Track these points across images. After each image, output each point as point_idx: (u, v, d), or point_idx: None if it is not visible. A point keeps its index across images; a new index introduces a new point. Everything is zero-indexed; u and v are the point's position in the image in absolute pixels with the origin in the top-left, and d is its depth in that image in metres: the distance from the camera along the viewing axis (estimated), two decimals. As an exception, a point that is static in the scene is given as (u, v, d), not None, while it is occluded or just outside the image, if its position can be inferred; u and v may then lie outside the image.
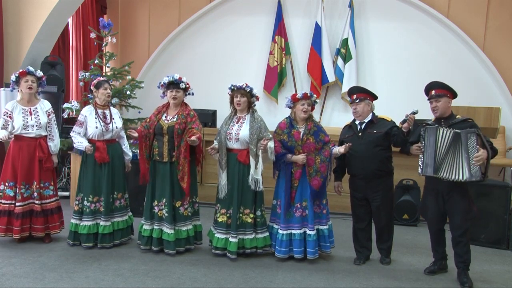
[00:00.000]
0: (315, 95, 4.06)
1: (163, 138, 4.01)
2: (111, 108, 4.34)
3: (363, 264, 4.03)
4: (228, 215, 4.01)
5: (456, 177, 3.51)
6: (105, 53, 5.87)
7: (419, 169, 3.68)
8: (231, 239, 3.97)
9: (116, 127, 4.22)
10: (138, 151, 4.15)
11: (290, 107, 4.05)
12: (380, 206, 3.96)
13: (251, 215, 4.02)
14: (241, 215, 4.00)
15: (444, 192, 3.65)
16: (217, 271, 3.73)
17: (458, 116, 3.68)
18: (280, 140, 3.98)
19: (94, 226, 4.17)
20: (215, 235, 4.06)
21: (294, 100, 3.99)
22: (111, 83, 4.50)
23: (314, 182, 3.91)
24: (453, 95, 3.71)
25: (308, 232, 3.93)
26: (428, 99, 3.73)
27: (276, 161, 3.99)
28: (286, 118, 4.07)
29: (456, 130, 3.50)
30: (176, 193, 4.04)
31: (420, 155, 3.67)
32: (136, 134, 4.00)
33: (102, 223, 4.14)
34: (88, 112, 4.21)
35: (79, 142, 4.13)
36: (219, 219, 4.03)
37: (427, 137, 3.61)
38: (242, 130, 3.98)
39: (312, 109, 4.07)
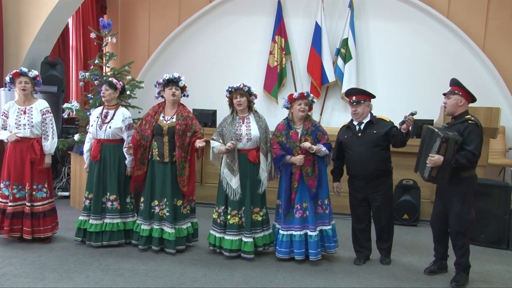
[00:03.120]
0: (312, 95, 4.05)
1: (163, 138, 4.01)
2: (121, 108, 4.30)
3: (363, 264, 4.03)
4: (239, 215, 4.00)
5: (418, 172, 3.64)
6: (105, 53, 5.87)
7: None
8: (246, 239, 3.97)
9: (110, 127, 4.17)
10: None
11: (287, 108, 4.05)
12: (380, 206, 3.96)
13: (261, 213, 4.05)
14: (251, 214, 4.01)
15: (444, 193, 3.68)
16: (217, 271, 3.73)
17: (467, 116, 3.62)
18: (278, 142, 3.98)
19: (85, 222, 4.21)
20: (225, 238, 4.02)
21: (291, 100, 3.99)
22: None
23: (310, 182, 3.91)
24: (468, 95, 3.64)
25: (310, 233, 3.92)
26: (443, 94, 3.74)
27: (275, 163, 4.00)
28: (284, 119, 4.07)
29: (434, 129, 3.51)
30: (177, 192, 4.05)
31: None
32: (131, 151, 4.09)
33: (90, 220, 4.18)
34: (95, 112, 4.34)
35: (85, 147, 4.34)
36: (231, 221, 4.00)
37: (422, 137, 3.68)
38: (252, 130, 3.99)
39: (310, 109, 4.07)
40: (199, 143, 3.94)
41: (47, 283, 3.37)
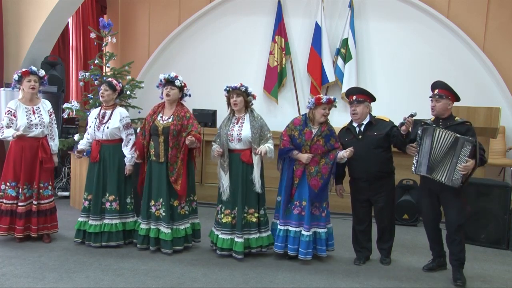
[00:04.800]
0: (337, 100, 4.04)
1: (158, 138, 4.02)
2: (118, 108, 4.28)
3: (363, 264, 4.03)
4: (232, 215, 4.01)
5: (440, 178, 3.57)
6: (105, 53, 5.87)
7: (412, 167, 3.72)
8: (237, 240, 3.97)
9: (107, 127, 4.17)
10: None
11: (310, 108, 4.00)
12: (383, 207, 3.96)
13: (256, 215, 4.03)
14: (245, 215, 4.00)
15: (437, 191, 3.69)
16: (217, 271, 3.73)
17: (457, 118, 3.69)
18: (290, 135, 3.99)
19: (85, 224, 4.21)
20: (219, 236, 4.05)
21: (318, 103, 3.94)
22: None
23: (313, 182, 3.90)
24: (455, 98, 3.69)
25: (303, 232, 3.93)
26: (429, 97, 3.74)
27: (281, 154, 4.00)
28: (302, 115, 4.08)
29: (457, 135, 3.50)
30: (173, 192, 4.05)
31: (415, 154, 3.69)
32: (139, 160, 4.16)
33: (90, 221, 4.18)
34: (93, 112, 4.34)
35: (82, 142, 4.38)
36: (223, 220, 4.02)
37: (424, 137, 3.64)
38: (243, 130, 3.98)
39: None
40: (187, 140, 3.92)
41: (47, 283, 3.37)
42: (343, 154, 3.88)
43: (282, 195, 4.00)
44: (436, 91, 3.70)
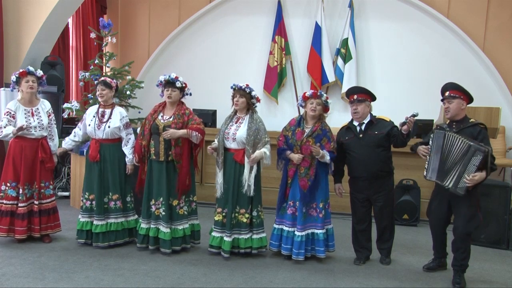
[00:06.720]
0: (325, 95, 4.03)
1: (159, 137, 4.02)
2: (117, 108, 4.28)
3: (363, 264, 4.03)
4: (223, 214, 4.02)
5: (447, 184, 3.52)
6: (105, 53, 5.87)
7: (424, 172, 3.67)
8: (225, 238, 3.99)
9: (108, 127, 4.16)
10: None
11: (302, 106, 4.07)
12: (382, 206, 3.96)
13: (247, 215, 4.02)
14: (236, 214, 4.00)
15: (448, 196, 3.62)
16: (217, 271, 3.73)
17: (472, 120, 3.62)
18: (284, 135, 4.04)
19: (88, 224, 4.20)
20: (212, 233, 4.11)
21: (304, 98, 3.99)
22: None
23: (302, 182, 3.92)
24: (468, 98, 3.65)
25: (296, 232, 3.95)
26: (441, 100, 3.71)
27: (278, 155, 4.06)
28: (299, 115, 4.11)
29: (470, 143, 3.41)
30: (173, 191, 4.05)
31: (426, 158, 3.65)
32: (138, 162, 4.16)
33: (95, 222, 4.17)
34: (90, 110, 4.31)
35: (69, 138, 4.40)
36: (215, 218, 4.06)
37: (434, 142, 3.59)
38: (239, 131, 3.99)
39: (326, 110, 4.06)
40: (165, 135, 3.90)
41: (47, 283, 3.37)
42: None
43: (278, 194, 4.05)
44: (447, 93, 3.64)
